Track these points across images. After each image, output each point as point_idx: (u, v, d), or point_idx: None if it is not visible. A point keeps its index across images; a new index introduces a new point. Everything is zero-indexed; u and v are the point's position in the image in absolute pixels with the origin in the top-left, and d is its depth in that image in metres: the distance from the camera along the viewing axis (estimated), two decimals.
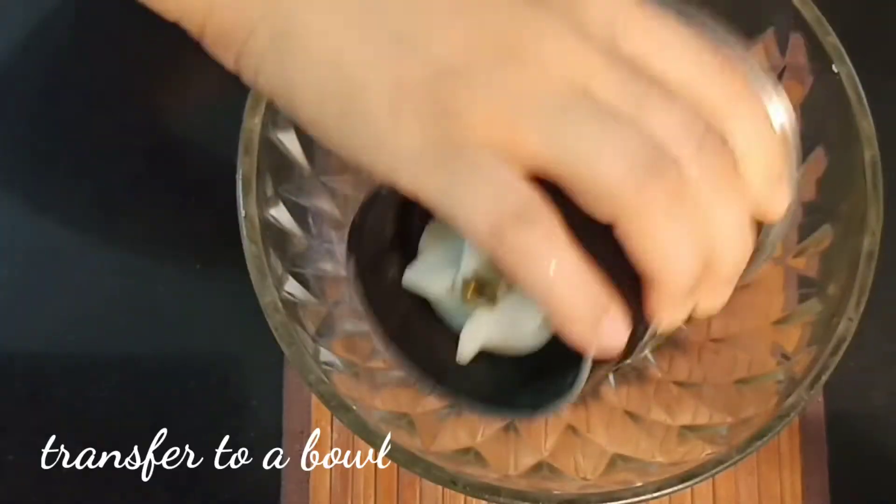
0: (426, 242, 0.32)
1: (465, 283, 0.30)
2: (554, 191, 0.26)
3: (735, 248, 0.27)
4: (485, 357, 0.31)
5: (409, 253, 0.32)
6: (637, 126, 0.25)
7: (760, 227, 0.32)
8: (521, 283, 0.26)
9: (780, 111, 0.31)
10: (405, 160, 0.26)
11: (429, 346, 0.31)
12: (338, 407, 0.35)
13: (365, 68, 0.26)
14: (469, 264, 0.30)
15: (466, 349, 0.30)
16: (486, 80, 0.25)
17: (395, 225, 0.32)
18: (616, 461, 0.39)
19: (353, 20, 0.26)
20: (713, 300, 0.29)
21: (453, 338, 0.31)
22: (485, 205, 0.25)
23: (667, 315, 0.27)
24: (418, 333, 0.32)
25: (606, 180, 0.25)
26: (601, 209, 0.25)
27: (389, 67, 0.26)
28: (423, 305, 0.32)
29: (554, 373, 0.28)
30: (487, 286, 0.30)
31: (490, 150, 0.25)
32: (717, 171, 0.26)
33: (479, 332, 0.30)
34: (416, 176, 0.26)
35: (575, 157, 0.25)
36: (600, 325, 0.26)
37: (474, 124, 0.25)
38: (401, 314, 0.31)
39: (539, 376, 0.30)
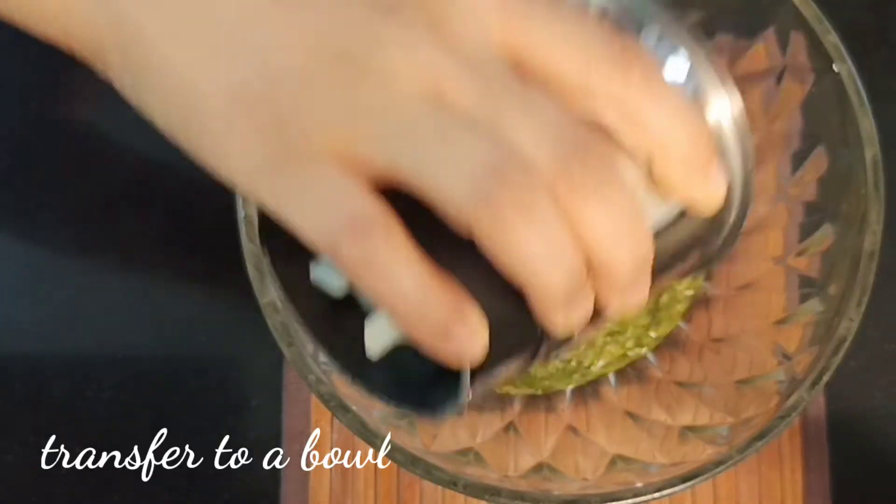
0: None
1: None
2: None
3: (622, 246, 0.25)
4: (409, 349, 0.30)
5: None
6: (489, 133, 0.24)
7: (718, 216, 0.30)
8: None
9: (725, 104, 0.29)
10: (242, 169, 0.25)
11: (354, 335, 0.30)
12: (338, 407, 0.35)
13: (200, 79, 0.25)
14: None
15: (372, 344, 0.29)
16: (322, 92, 0.25)
17: None
18: (616, 461, 0.39)
19: (184, 29, 0.26)
20: (626, 299, 0.27)
21: None
22: (317, 215, 0.24)
23: (558, 320, 0.26)
24: (343, 322, 0.30)
25: (450, 193, 0.24)
26: (454, 223, 0.24)
27: (223, 78, 0.25)
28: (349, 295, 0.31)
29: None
30: None
31: (328, 161, 0.25)
32: (583, 169, 0.25)
33: (383, 327, 0.29)
34: (252, 185, 0.25)
35: (416, 171, 0.24)
36: (451, 333, 0.25)
37: (311, 135, 0.25)
38: (324, 303, 0.30)
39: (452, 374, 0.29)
